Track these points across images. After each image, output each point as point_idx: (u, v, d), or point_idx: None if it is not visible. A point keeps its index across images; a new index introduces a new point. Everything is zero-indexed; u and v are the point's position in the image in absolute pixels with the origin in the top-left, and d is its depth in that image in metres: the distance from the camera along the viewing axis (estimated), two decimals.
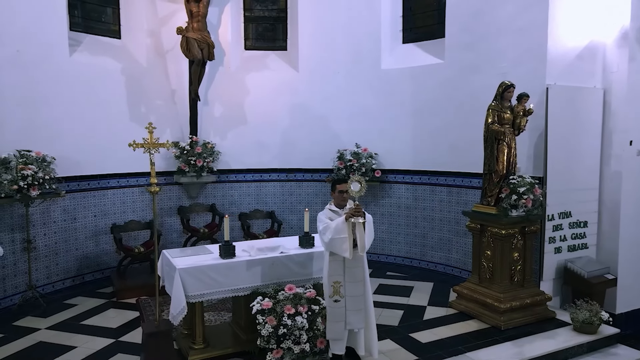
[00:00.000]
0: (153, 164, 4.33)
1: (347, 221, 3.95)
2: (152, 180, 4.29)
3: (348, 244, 3.94)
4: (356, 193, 3.99)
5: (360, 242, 3.96)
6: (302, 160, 8.18)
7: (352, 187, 3.99)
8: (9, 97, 5.85)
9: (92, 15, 7.24)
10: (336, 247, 3.97)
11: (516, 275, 5.34)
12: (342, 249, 3.95)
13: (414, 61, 7.51)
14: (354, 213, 3.92)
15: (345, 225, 3.93)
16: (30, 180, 5.51)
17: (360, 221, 3.92)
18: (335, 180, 4.38)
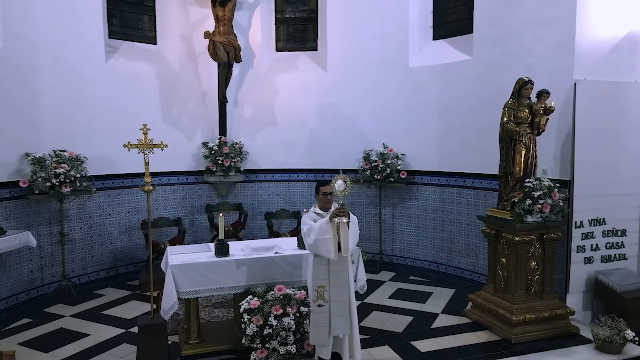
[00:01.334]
0: (147, 163, 4.49)
1: (331, 221, 3.88)
2: (146, 180, 4.49)
3: (333, 245, 3.86)
4: (341, 192, 3.91)
5: (344, 243, 3.87)
6: (330, 161, 8.12)
7: (336, 186, 3.92)
8: (47, 102, 6.34)
9: (130, 23, 7.68)
10: (321, 248, 3.91)
11: (533, 285, 4.97)
12: (326, 250, 3.88)
13: (442, 58, 7.22)
14: (338, 213, 3.84)
15: (330, 226, 3.87)
16: (62, 178, 5.94)
17: (345, 221, 3.84)
18: (319, 182, 4.32)
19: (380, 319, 5.43)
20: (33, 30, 6.13)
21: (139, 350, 4.19)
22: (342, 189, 3.90)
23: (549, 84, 5.38)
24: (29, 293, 6.18)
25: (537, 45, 5.76)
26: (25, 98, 6.10)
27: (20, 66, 6.02)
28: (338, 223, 3.86)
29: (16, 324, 5.36)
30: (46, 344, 4.81)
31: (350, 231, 3.86)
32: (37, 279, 6.30)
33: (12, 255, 5.94)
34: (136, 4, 7.72)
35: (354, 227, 3.92)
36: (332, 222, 3.87)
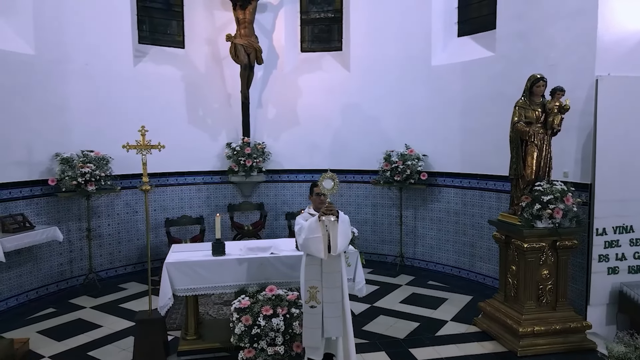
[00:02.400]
0: (145, 164, 4.64)
1: (320, 221, 3.84)
2: (144, 179, 4.62)
3: (322, 245, 3.82)
4: (328, 191, 3.88)
5: (333, 242, 3.82)
6: (353, 161, 8.07)
7: (324, 185, 3.88)
8: (78, 105, 6.73)
9: (159, 28, 7.99)
10: (310, 247, 3.87)
11: (545, 295, 4.67)
12: (316, 249, 3.84)
13: (465, 55, 6.95)
14: (325, 211, 3.80)
15: (319, 225, 3.83)
16: (88, 177, 6.29)
17: (332, 219, 3.79)
18: (313, 183, 4.28)
19: (385, 323, 5.31)
20: (63, 38, 6.53)
21: (136, 344, 4.36)
22: (330, 187, 3.85)
23: (570, 81, 5.07)
24: (59, 284, 6.59)
25: (559, 39, 5.41)
26: (57, 102, 6.51)
27: (51, 72, 6.42)
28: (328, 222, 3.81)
29: (41, 312, 5.73)
30: (61, 333, 5.11)
31: (339, 230, 3.79)
32: (67, 271, 6.70)
33: (44, 249, 6.36)
34: (165, 10, 8.03)
35: (343, 227, 3.84)
36: (321, 221, 3.83)
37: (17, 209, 6.00)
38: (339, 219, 3.79)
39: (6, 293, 5.88)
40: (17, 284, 6.03)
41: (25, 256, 6.13)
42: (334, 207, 3.79)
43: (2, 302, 5.81)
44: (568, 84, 5.11)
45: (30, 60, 6.16)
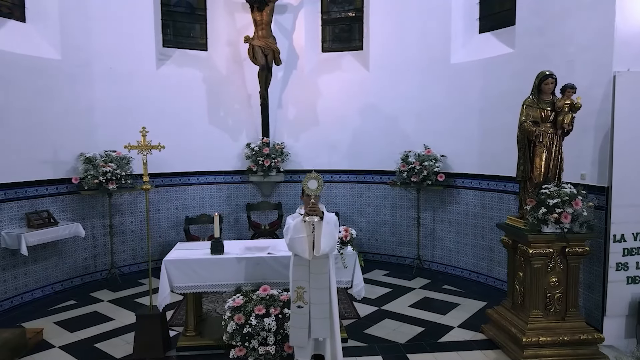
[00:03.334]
0: (145, 163, 4.77)
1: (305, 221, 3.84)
2: (144, 179, 4.75)
3: (307, 245, 3.82)
4: (313, 191, 3.86)
5: (316, 243, 3.80)
6: (372, 162, 7.98)
7: (308, 185, 3.88)
8: (102, 107, 7.04)
9: (183, 32, 8.22)
10: (296, 247, 3.87)
11: (553, 304, 4.42)
12: (301, 249, 3.84)
13: (485, 52, 6.71)
14: (308, 212, 3.79)
15: (304, 225, 3.83)
16: (109, 176, 6.56)
17: (315, 220, 3.77)
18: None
19: (389, 327, 5.21)
20: (89, 43, 6.84)
21: (136, 338, 4.51)
22: (315, 187, 3.84)
23: (588, 77, 4.82)
24: (83, 278, 6.92)
25: (577, 33, 5.11)
26: (82, 104, 6.83)
27: (77, 76, 6.75)
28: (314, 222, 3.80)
29: (62, 304, 6.04)
30: (75, 324, 5.36)
31: (323, 231, 3.76)
32: (91, 266, 7.02)
33: (69, 244, 6.70)
34: (189, 14, 8.24)
35: (328, 227, 3.81)
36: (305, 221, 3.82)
37: (44, 206, 6.35)
38: (323, 220, 3.76)
39: (32, 285, 6.23)
40: (43, 276, 6.38)
41: (51, 250, 6.48)
42: (317, 208, 3.77)
43: (28, 293, 6.17)
44: (586, 81, 4.86)
45: (57, 65, 6.50)
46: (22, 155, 6.06)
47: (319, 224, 3.75)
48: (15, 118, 5.98)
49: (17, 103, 6.00)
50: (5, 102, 5.85)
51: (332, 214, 4.06)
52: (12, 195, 5.96)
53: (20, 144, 6.03)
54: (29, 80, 6.15)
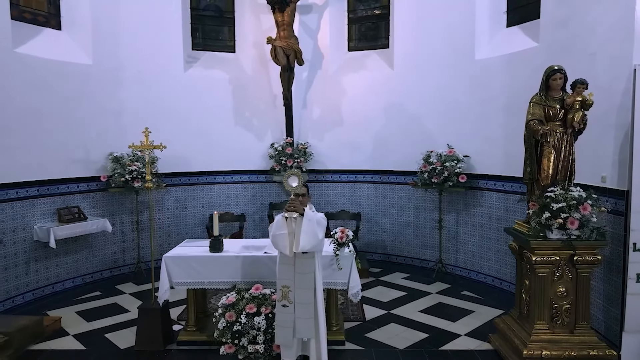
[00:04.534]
0: (149, 163, 4.94)
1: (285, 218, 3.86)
2: (147, 177, 4.92)
3: (287, 241, 3.82)
4: (294, 188, 3.87)
5: (295, 240, 3.79)
6: (395, 162, 7.82)
7: (289, 182, 3.89)
8: (131, 109, 7.37)
9: (211, 35, 8.45)
10: (278, 243, 3.90)
11: (560, 316, 4.12)
12: (282, 245, 3.87)
13: (509, 47, 6.38)
14: (287, 208, 3.79)
15: (285, 222, 3.84)
16: (135, 174, 6.88)
17: (294, 216, 3.77)
18: None
19: (392, 332, 5.08)
20: (118, 49, 7.20)
21: (138, 331, 4.71)
22: (295, 184, 3.85)
23: (609, 71, 4.47)
24: (112, 271, 7.30)
25: (599, 24, 4.74)
26: (112, 106, 7.20)
27: (107, 79, 7.12)
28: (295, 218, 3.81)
29: (88, 295, 6.41)
30: (94, 314, 5.67)
31: (303, 227, 3.74)
32: (120, 259, 7.40)
33: (99, 238, 7.09)
34: (217, 17, 8.47)
35: (309, 225, 3.77)
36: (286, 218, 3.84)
37: (75, 202, 6.76)
38: (304, 217, 3.74)
39: (64, 275, 6.66)
40: (74, 268, 6.80)
41: (82, 244, 6.89)
42: (297, 204, 3.76)
43: (59, 283, 6.60)
44: (607, 75, 4.53)
45: (88, 70, 6.89)
46: (55, 154, 6.48)
47: (299, 221, 3.74)
48: (49, 119, 6.41)
49: (51, 106, 6.42)
50: (40, 105, 6.28)
51: (319, 213, 4.03)
52: (45, 191, 6.39)
53: (53, 143, 6.45)
54: (62, 84, 6.56)
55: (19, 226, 6.06)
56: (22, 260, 6.10)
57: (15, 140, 5.96)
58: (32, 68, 6.16)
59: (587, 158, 4.83)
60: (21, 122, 6.05)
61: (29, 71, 6.12)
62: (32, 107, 6.18)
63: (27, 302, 6.12)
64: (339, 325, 4.91)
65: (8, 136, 5.88)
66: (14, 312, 5.79)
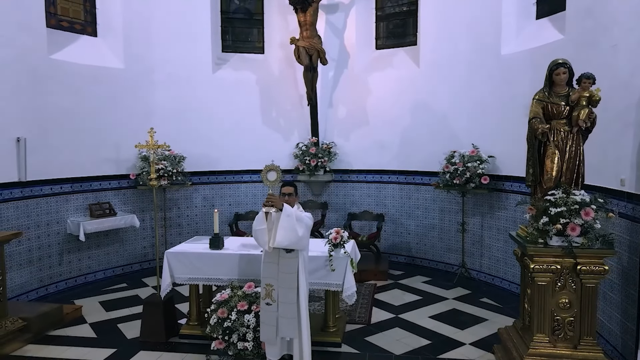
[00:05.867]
0: (153, 162, 5.12)
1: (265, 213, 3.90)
2: (152, 176, 5.10)
3: (267, 237, 3.85)
4: (272, 182, 3.91)
5: (272, 235, 3.80)
6: (421, 162, 7.61)
7: (267, 177, 3.93)
8: (162, 110, 7.70)
9: (241, 37, 8.65)
10: (258, 239, 3.97)
11: (563, 329, 3.82)
12: (262, 241, 3.93)
13: (537, 40, 6.00)
14: (265, 203, 3.81)
15: (264, 217, 3.87)
16: (162, 172, 7.19)
17: (272, 211, 3.78)
18: (282, 183, 4.27)
19: (394, 336, 4.95)
20: (149, 53, 7.55)
21: (143, 323, 4.92)
22: (274, 179, 3.89)
23: (630, 64, 4.11)
24: (142, 264, 7.67)
25: (621, 13, 4.33)
26: (143, 108, 7.56)
27: (138, 82, 7.49)
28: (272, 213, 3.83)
29: (115, 286, 6.79)
30: (114, 305, 5.99)
31: (280, 223, 3.74)
32: (149, 254, 7.76)
33: (129, 233, 7.48)
34: (247, 20, 8.65)
35: (288, 221, 3.76)
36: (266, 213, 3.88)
37: (106, 198, 7.18)
38: (282, 212, 3.74)
39: (95, 267, 7.09)
40: (105, 260, 7.22)
41: (113, 238, 7.30)
42: (276, 199, 3.77)
43: (91, 274, 7.03)
44: (627, 68, 4.15)
45: (120, 74, 7.29)
46: (88, 153, 6.91)
47: (277, 216, 3.75)
48: (83, 121, 6.84)
49: (85, 108, 6.86)
50: (75, 107, 6.73)
51: (305, 212, 4.01)
52: (78, 187, 6.84)
53: (86, 143, 6.88)
54: (96, 88, 6.99)
55: (53, 220, 6.52)
56: (55, 252, 6.57)
57: (50, 140, 6.43)
58: (67, 73, 6.60)
59: (606, 159, 4.47)
60: (56, 123, 6.50)
61: (63, 76, 6.56)
62: (67, 110, 6.63)
63: (60, 290, 6.57)
64: (337, 327, 4.85)
65: (44, 136, 6.34)
66: (47, 299, 6.24)
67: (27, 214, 6.17)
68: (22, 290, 6.11)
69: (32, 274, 6.25)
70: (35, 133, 6.18)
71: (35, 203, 6.27)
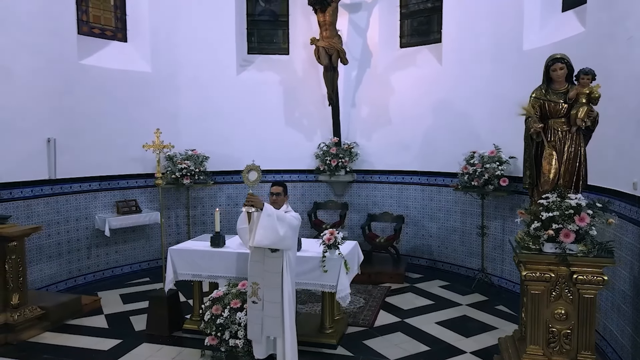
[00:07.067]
0: (159, 162, 5.32)
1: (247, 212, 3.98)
2: (157, 175, 5.28)
3: (247, 236, 3.95)
4: (252, 182, 3.98)
5: (252, 234, 3.86)
6: (443, 163, 7.38)
7: (248, 177, 3.99)
8: (187, 112, 7.98)
9: (266, 38, 8.78)
10: (241, 237, 4.15)
11: (559, 341, 3.58)
12: (244, 239, 4.10)
13: (559, 34, 5.66)
14: (245, 202, 3.87)
15: (246, 216, 3.95)
16: (184, 172, 7.45)
17: (251, 211, 3.84)
18: (272, 183, 4.31)
19: (393, 341, 4.85)
20: (175, 56, 7.83)
21: (148, 317, 5.12)
22: (254, 178, 3.96)
23: None
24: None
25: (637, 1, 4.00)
26: (169, 109, 7.86)
27: (165, 85, 7.80)
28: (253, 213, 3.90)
29: (138, 280, 7.11)
30: (131, 298, 6.28)
31: (260, 222, 3.78)
32: None
33: (155, 230, 7.80)
34: (272, 21, 8.76)
35: (268, 220, 3.79)
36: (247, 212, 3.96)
37: (133, 196, 7.53)
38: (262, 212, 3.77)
39: (122, 261, 7.46)
40: (132, 255, 7.58)
41: (140, 234, 7.64)
42: (256, 199, 3.82)
43: (117, 268, 7.40)
44: None
45: (148, 77, 7.61)
46: (115, 153, 7.27)
47: (257, 215, 3.79)
48: (111, 122, 7.21)
49: (113, 110, 7.23)
50: (103, 109, 7.11)
51: (292, 212, 4.03)
52: (106, 185, 7.22)
53: (114, 143, 7.25)
54: (124, 91, 7.34)
55: (82, 215, 6.93)
56: (84, 246, 6.97)
57: (80, 140, 6.82)
58: (96, 77, 6.98)
59: (621, 160, 4.15)
60: (86, 124, 6.89)
61: (93, 80, 6.95)
62: (96, 112, 7.01)
63: (87, 282, 6.96)
64: (334, 329, 4.82)
65: (74, 137, 6.74)
66: (76, 290, 6.63)
67: (57, 209, 6.59)
68: (52, 281, 6.53)
69: (62, 266, 6.67)
70: (65, 134, 6.58)
71: (64, 200, 6.68)
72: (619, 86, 4.20)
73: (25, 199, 6.17)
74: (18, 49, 6.01)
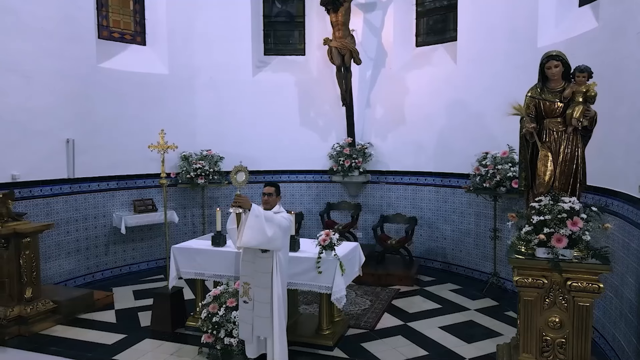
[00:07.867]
0: (163, 161, 5.42)
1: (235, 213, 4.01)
2: (162, 175, 5.40)
3: (236, 236, 3.98)
4: (239, 183, 4.02)
5: (239, 234, 3.88)
6: (457, 164, 7.22)
7: (237, 178, 4.03)
8: (203, 113, 8.14)
9: (282, 39, 8.83)
10: (231, 238, 4.13)
11: (552, 351, 3.44)
12: (233, 240, 4.06)
13: (574, 30, 5.43)
14: (232, 203, 3.90)
15: (235, 217, 3.98)
16: (199, 172, 7.59)
17: (238, 212, 3.87)
18: (265, 184, 4.33)
19: (392, 344, 4.77)
20: (192, 59, 8.00)
21: (153, 313, 5.25)
22: (242, 179, 3.99)
23: None
24: None
25: None
26: (186, 111, 8.04)
27: (182, 87, 7.97)
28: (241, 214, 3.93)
29: (153, 277, 7.29)
30: (143, 294, 6.43)
31: (248, 223, 3.80)
32: None
33: (172, 228, 7.97)
34: (289, 22, 8.81)
35: (256, 221, 3.79)
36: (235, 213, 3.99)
37: (150, 195, 7.74)
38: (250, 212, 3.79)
39: (138, 258, 7.68)
40: (148, 252, 7.79)
41: (157, 232, 7.84)
42: (244, 200, 3.84)
43: (135, 264, 7.62)
44: None
45: (165, 80, 7.81)
46: (133, 153, 7.46)
47: (245, 216, 3.82)
48: (130, 123, 7.43)
49: (131, 111, 7.45)
50: (121, 111, 7.34)
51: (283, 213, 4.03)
52: (124, 185, 7.45)
53: (132, 143, 7.43)
54: (142, 93, 7.56)
55: (100, 213, 7.18)
56: (102, 243, 7.21)
57: (98, 141, 7.07)
58: (114, 80, 7.22)
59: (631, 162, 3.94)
60: (105, 125, 7.14)
61: (111, 82, 7.18)
62: (114, 113, 7.24)
63: (105, 278, 7.21)
64: (332, 330, 4.80)
65: (93, 137, 6.99)
66: (93, 285, 6.87)
67: (76, 207, 6.85)
68: (70, 276, 6.80)
69: (80, 262, 6.92)
70: (84, 135, 6.84)
71: (83, 198, 6.93)
72: (630, 84, 3.99)
73: (45, 197, 6.44)
74: (40, 53, 6.29)
